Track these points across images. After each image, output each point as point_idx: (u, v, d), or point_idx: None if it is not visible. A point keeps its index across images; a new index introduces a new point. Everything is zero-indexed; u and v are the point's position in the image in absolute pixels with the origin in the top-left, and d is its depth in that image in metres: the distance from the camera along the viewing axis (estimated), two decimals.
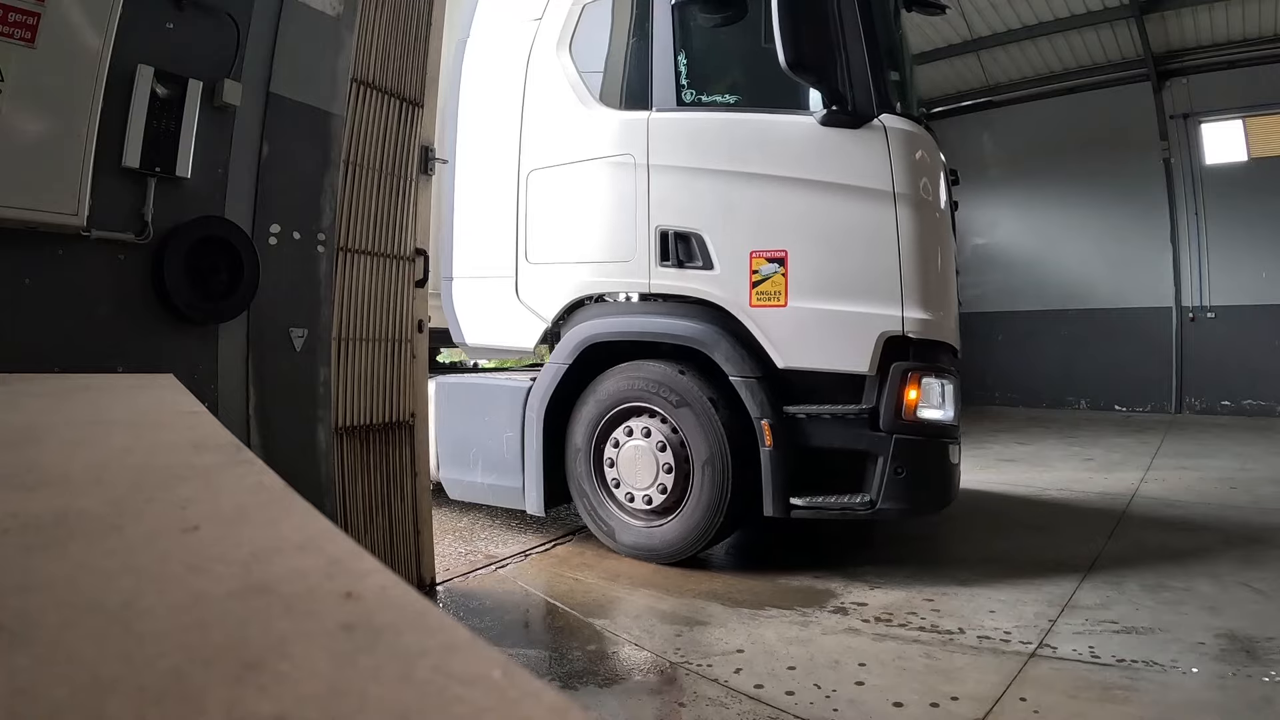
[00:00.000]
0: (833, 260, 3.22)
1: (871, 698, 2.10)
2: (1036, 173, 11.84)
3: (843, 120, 3.16)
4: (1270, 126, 10.24)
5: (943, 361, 3.25)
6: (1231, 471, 5.71)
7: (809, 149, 3.25)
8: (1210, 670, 2.21)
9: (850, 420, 3.16)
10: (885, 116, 3.19)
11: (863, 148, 3.18)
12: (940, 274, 3.24)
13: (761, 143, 3.36)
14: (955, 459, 3.30)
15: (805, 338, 3.23)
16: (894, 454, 3.08)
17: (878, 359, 3.12)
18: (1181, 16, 9.87)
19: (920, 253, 3.14)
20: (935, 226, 3.25)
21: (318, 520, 0.47)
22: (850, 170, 3.19)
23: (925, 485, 3.19)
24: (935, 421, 3.17)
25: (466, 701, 0.26)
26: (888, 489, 3.10)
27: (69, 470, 0.62)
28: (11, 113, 1.77)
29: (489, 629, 2.70)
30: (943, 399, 3.18)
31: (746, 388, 3.25)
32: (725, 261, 3.35)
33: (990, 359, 12.27)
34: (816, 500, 3.18)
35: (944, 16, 10.57)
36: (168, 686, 0.26)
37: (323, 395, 2.64)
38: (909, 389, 3.09)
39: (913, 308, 3.11)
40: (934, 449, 3.19)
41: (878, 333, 3.12)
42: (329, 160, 2.65)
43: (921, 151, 3.27)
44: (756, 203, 3.34)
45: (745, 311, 3.30)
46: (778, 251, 3.27)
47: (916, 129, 3.30)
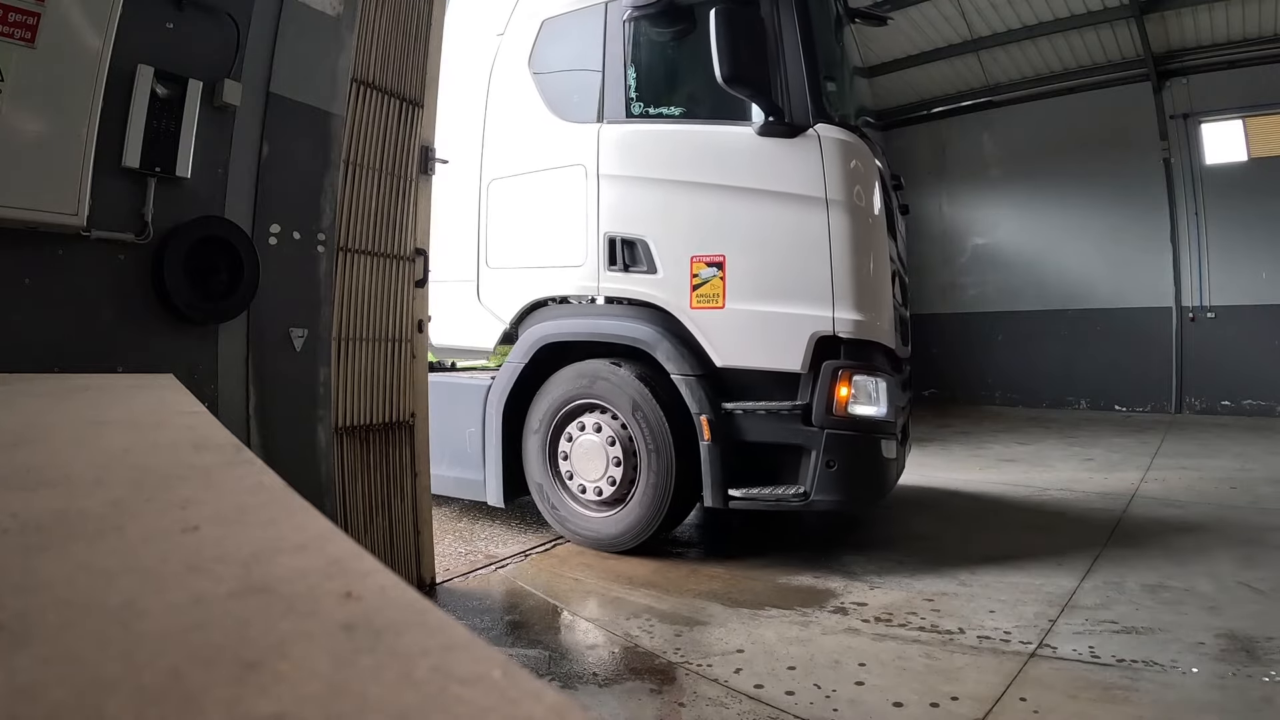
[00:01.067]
0: (768, 264, 3.38)
1: (871, 698, 2.10)
2: (1036, 173, 11.84)
3: (778, 131, 3.32)
4: (1270, 126, 10.24)
5: (875, 360, 3.38)
6: (1231, 471, 5.71)
7: (747, 158, 3.41)
8: (1210, 670, 2.21)
9: (784, 416, 3.31)
10: (820, 126, 3.33)
11: (797, 156, 3.33)
12: (872, 277, 3.37)
13: (702, 153, 3.53)
14: (890, 454, 3.41)
15: (741, 338, 3.39)
16: (825, 448, 3.23)
17: (809, 358, 3.29)
18: (1181, 16, 9.87)
19: (851, 257, 3.28)
20: (867, 231, 3.37)
21: (318, 520, 0.47)
22: (785, 178, 3.34)
23: (857, 478, 3.32)
24: (867, 417, 3.30)
25: (466, 701, 0.26)
26: (820, 482, 3.25)
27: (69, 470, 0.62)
28: (11, 113, 1.77)
29: (489, 629, 2.70)
30: (875, 396, 3.32)
31: (686, 385, 3.43)
32: (668, 266, 3.53)
33: (990, 359, 12.28)
34: (753, 492, 3.34)
35: (944, 17, 10.60)
36: (168, 686, 0.26)
37: (323, 395, 2.64)
38: (840, 386, 3.24)
39: (843, 309, 3.26)
40: (865, 444, 3.32)
41: (809, 333, 3.28)
42: (329, 160, 2.65)
43: (854, 160, 3.38)
44: (697, 210, 3.51)
45: (686, 313, 3.48)
46: (716, 256, 3.44)
47: (850, 138, 3.42)
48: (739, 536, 4.15)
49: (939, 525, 4.15)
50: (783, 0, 3.40)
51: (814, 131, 3.31)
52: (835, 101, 3.72)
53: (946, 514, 4.43)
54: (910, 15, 10.64)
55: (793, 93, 3.35)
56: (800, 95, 3.34)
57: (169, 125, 2.13)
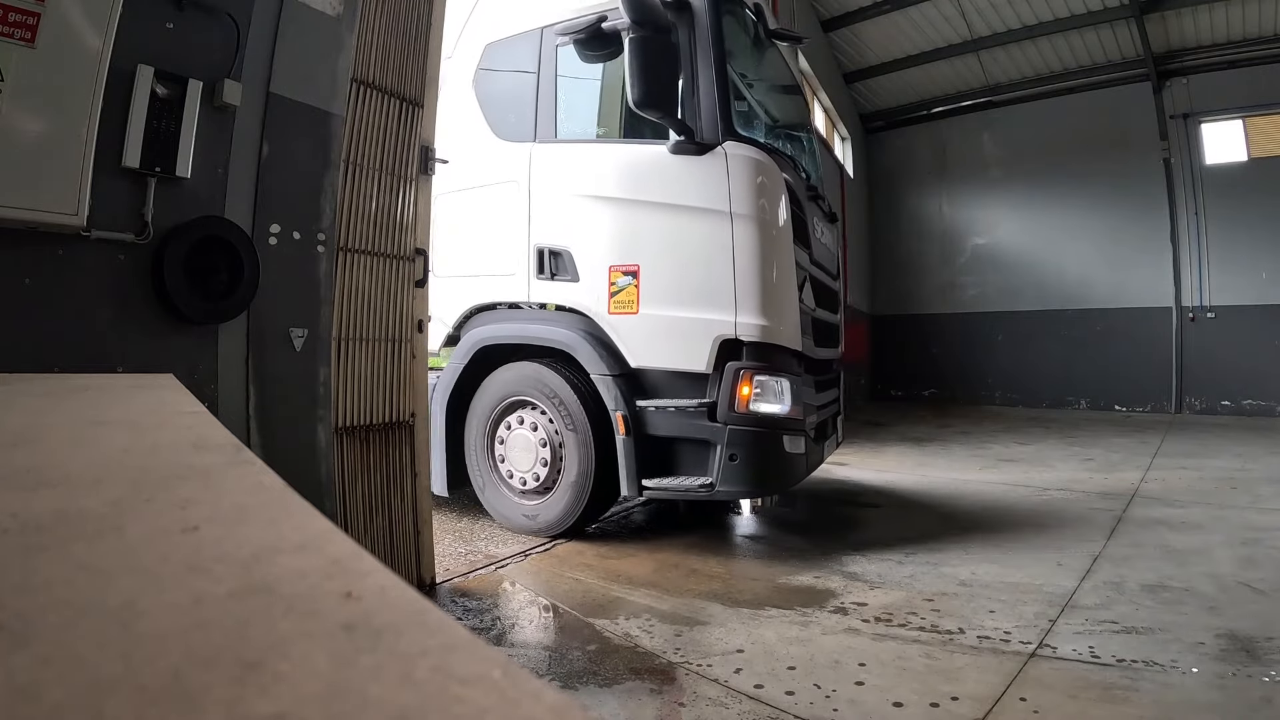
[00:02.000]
0: (679, 273, 3.65)
1: (871, 698, 2.10)
2: (1036, 173, 11.85)
3: (688, 149, 3.58)
4: (1270, 126, 10.24)
5: (778, 362, 3.61)
6: (1231, 471, 5.71)
7: (661, 175, 3.68)
8: (1210, 670, 2.21)
9: (691, 412, 3.58)
10: (728, 144, 3.58)
11: (706, 172, 3.59)
12: (774, 284, 3.59)
13: (621, 170, 3.82)
14: (796, 449, 3.64)
15: (654, 341, 3.68)
16: (728, 442, 3.48)
17: (714, 359, 3.55)
18: (1181, 16, 9.87)
19: (753, 266, 3.52)
20: (770, 242, 3.59)
21: (318, 520, 0.47)
22: (695, 193, 3.60)
23: (758, 471, 3.54)
24: (769, 414, 3.54)
25: (466, 701, 0.26)
26: (724, 474, 3.50)
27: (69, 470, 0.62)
28: (11, 113, 1.77)
29: (489, 629, 2.70)
30: (777, 395, 3.56)
31: (604, 384, 3.72)
32: (589, 275, 3.82)
33: (990, 359, 12.29)
34: (665, 482, 3.62)
35: (944, 17, 10.61)
36: (168, 686, 0.26)
37: (323, 395, 2.64)
38: (741, 385, 3.50)
39: (745, 314, 3.51)
40: (767, 439, 3.55)
41: (714, 336, 3.54)
42: (329, 160, 2.65)
43: (759, 174, 3.60)
44: (616, 223, 3.79)
45: (604, 318, 3.77)
46: (632, 266, 3.73)
47: (756, 154, 3.64)
48: (739, 537, 4.16)
49: (939, 525, 4.15)
50: (695, 28, 3.67)
51: (721, 149, 3.57)
52: (748, 120, 4.07)
53: (947, 514, 4.43)
54: (910, 15, 10.65)
55: (703, 113, 3.61)
56: (710, 115, 3.60)
57: (169, 125, 2.13)
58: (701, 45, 3.66)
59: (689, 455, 3.61)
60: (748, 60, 4.39)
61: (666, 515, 4.58)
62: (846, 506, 4.74)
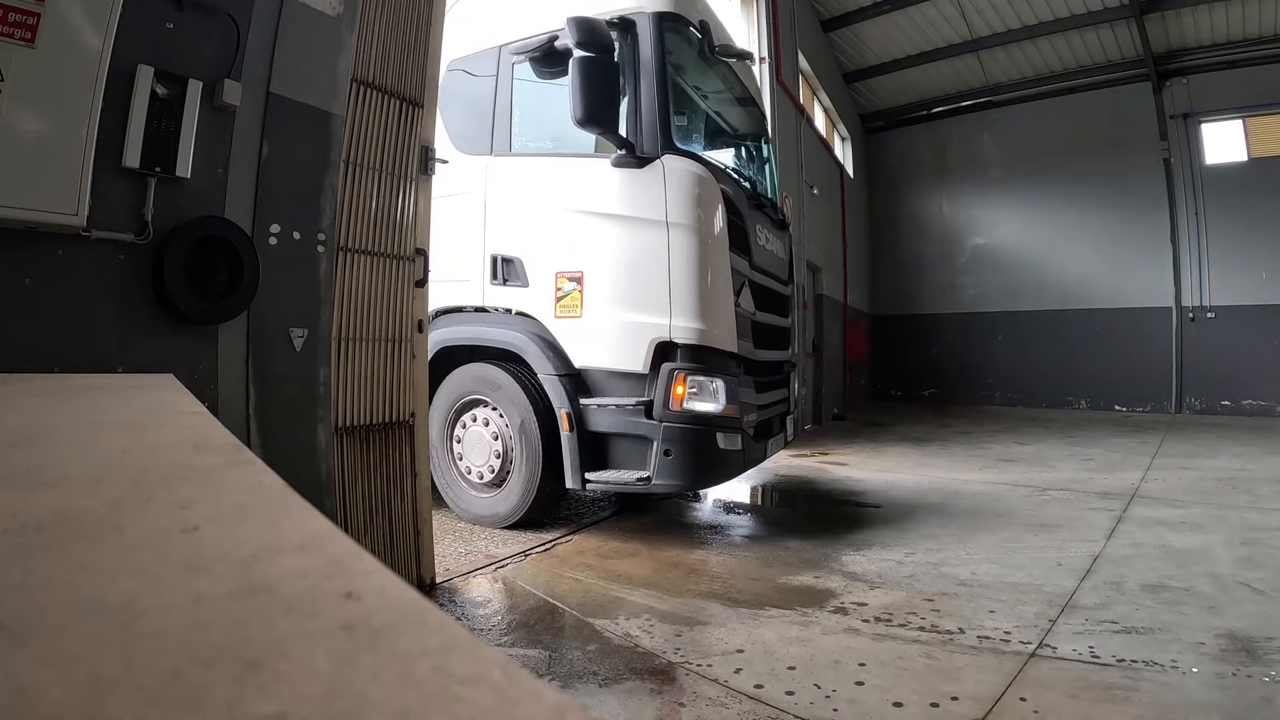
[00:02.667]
0: (619, 279, 3.87)
1: (871, 698, 2.10)
2: (1036, 173, 11.85)
3: (629, 162, 3.81)
4: (1270, 126, 10.24)
5: (712, 363, 3.82)
6: (1231, 471, 5.71)
7: (603, 186, 3.89)
8: (1210, 670, 2.21)
9: (630, 410, 3.79)
10: (666, 158, 3.79)
11: (645, 184, 3.81)
12: (709, 290, 3.80)
13: (567, 182, 4.04)
14: (731, 445, 3.84)
15: (596, 343, 3.90)
16: (663, 439, 3.70)
17: (650, 360, 3.77)
18: (1181, 16, 9.87)
19: (687, 272, 3.74)
20: (704, 250, 3.80)
21: (318, 520, 0.47)
22: (634, 204, 3.82)
23: (691, 466, 3.75)
24: (703, 413, 3.73)
25: (466, 701, 0.26)
26: (659, 468, 3.71)
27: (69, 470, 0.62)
28: (11, 113, 1.77)
29: (489, 629, 2.69)
30: (712, 394, 3.76)
31: (550, 384, 3.94)
32: (538, 281, 4.05)
33: (990, 359, 12.29)
34: (606, 475, 3.83)
35: (944, 17, 10.60)
36: (168, 686, 0.26)
37: (323, 395, 2.64)
38: (676, 385, 3.71)
39: (680, 318, 3.73)
40: (701, 436, 3.74)
41: (650, 339, 3.76)
42: (329, 160, 2.65)
43: (695, 186, 3.82)
44: (563, 231, 4.01)
45: (551, 322, 4.01)
46: (577, 272, 3.96)
47: (693, 167, 3.86)
48: (739, 537, 4.15)
49: (939, 525, 4.15)
50: (638, 46, 3.89)
51: (660, 162, 3.79)
52: (690, 133, 4.35)
53: (947, 514, 4.43)
54: (910, 15, 10.65)
55: (644, 128, 3.83)
56: (650, 130, 3.82)
57: (169, 125, 2.13)
58: (644, 63, 3.88)
59: (629, 450, 3.83)
60: (700, 75, 4.61)
61: (666, 516, 4.58)
62: (846, 506, 4.74)
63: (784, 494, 5.27)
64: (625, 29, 3.90)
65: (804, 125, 8.98)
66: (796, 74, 8.97)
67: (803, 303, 8.67)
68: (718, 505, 5.03)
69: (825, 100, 11.20)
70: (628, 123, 3.85)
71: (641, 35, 3.90)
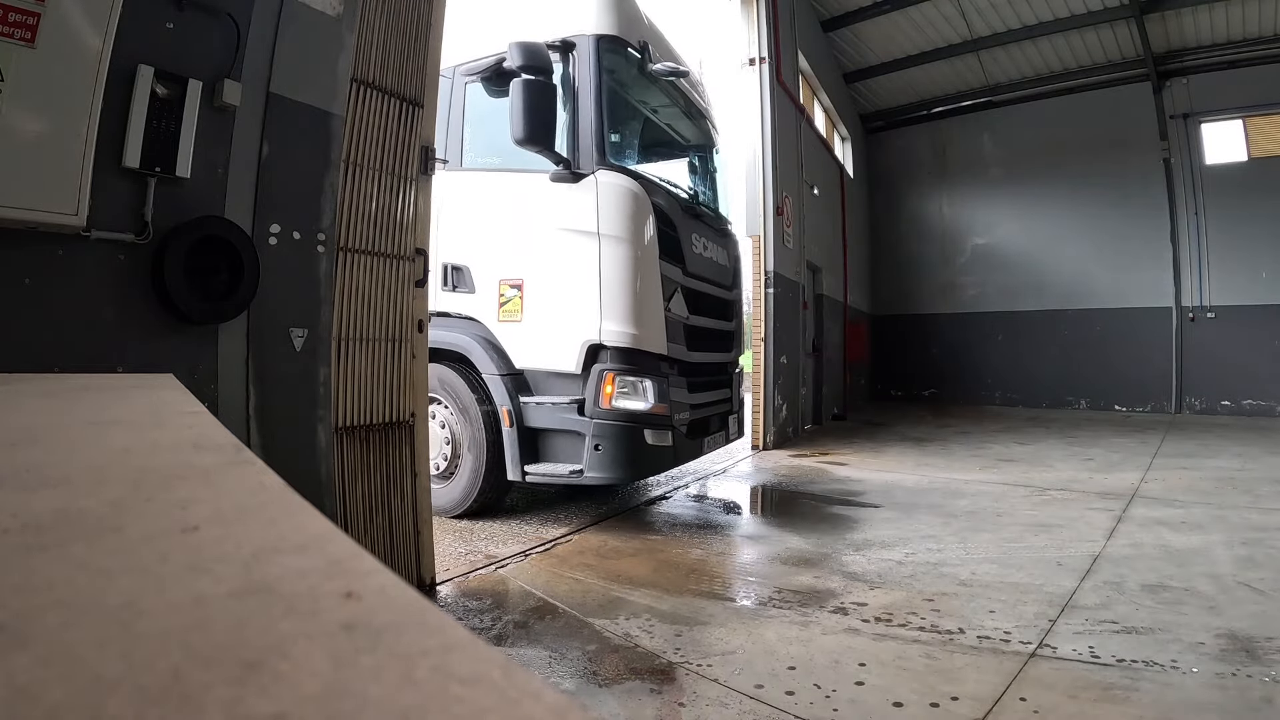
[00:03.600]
0: (556, 286, 4.16)
1: (871, 698, 2.10)
2: (1036, 173, 11.85)
3: (565, 177, 4.11)
4: (1270, 126, 10.24)
5: (642, 364, 4.11)
6: (1231, 471, 5.71)
7: (542, 200, 4.18)
8: (1210, 670, 2.21)
9: (564, 408, 4.11)
10: (600, 173, 4.09)
11: (579, 198, 4.11)
12: (637, 295, 4.09)
13: (510, 195, 4.32)
14: (661, 441, 4.14)
15: (535, 345, 4.21)
16: (594, 434, 4.00)
17: (582, 361, 4.08)
18: (1181, 16, 9.87)
19: (616, 279, 4.04)
20: (633, 259, 4.09)
21: (318, 520, 0.47)
22: (570, 216, 4.12)
23: (620, 459, 4.02)
24: (632, 410, 4.04)
25: (466, 701, 0.26)
26: (590, 461, 4.00)
27: (69, 470, 0.62)
28: (11, 113, 1.77)
29: (489, 629, 2.70)
30: (640, 393, 4.06)
31: (493, 383, 4.25)
32: (483, 287, 4.36)
33: (990, 359, 12.29)
34: (543, 468, 4.14)
35: (944, 17, 10.60)
36: (168, 686, 0.26)
37: (323, 395, 2.64)
38: (605, 384, 4.00)
39: (610, 322, 4.03)
40: (629, 432, 4.03)
41: (582, 341, 4.08)
42: (329, 160, 2.65)
43: (625, 199, 4.11)
44: (506, 242, 4.31)
45: (495, 326, 4.33)
46: (518, 280, 4.28)
47: (625, 181, 4.15)
48: (739, 537, 4.15)
49: (939, 525, 4.15)
50: (577, 67, 4.19)
51: (594, 177, 4.09)
52: (626, 149, 4.63)
53: (947, 514, 4.43)
54: (910, 15, 10.64)
55: (580, 145, 4.13)
56: (585, 147, 4.13)
57: (169, 125, 2.13)
58: (583, 83, 4.17)
59: (564, 445, 4.13)
60: (645, 90, 4.90)
61: (666, 516, 4.58)
62: (846, 506, 4.74)
63: (784, 494, 5.27)
64: (567, 50, 4.19)
65: (804, 125, 8.97)
66: (796, 74, 8.96)
67: (803, 303, 8.67)
68: (718, 505, 5.03)
69: (825, 100, 11.19)
70: (566, 139, 4.12)
71: (581, 56, 4.19)
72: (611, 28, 4.31)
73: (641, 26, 4.65)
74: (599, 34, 4.23)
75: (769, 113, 7.59)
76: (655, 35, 4.84)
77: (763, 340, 7.52)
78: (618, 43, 4.36)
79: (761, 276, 7.52)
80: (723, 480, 5.84)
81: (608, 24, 4.29)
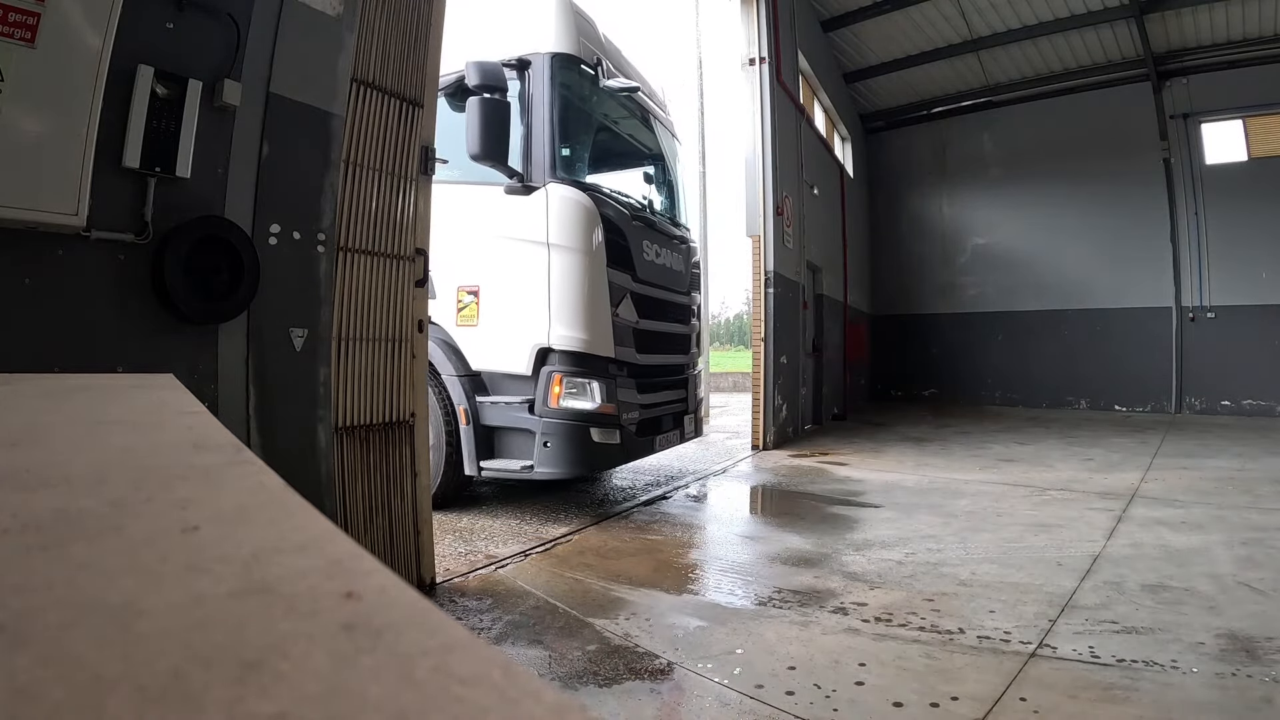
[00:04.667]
0: (510, 292, 4.40)
1: (871, 698, 2.10)
2: (1036, 172, 11.84)
3: (518, 190, 4.36)
4: (1270, 126, 10.24)
5: (589, 366, 4.36)
6: (1232, 471, 5.71)
7: (498, 211, 4.41)
8: (1210, 670, 2.21)
9: (516, 407, 4.38)
10: (550, 185, 4.33)
11: (531, 210, 4.36)
12: (585, 301, 4.34)
13: (469, 206, 4.51)
14: (608, 439, 4.38)
15: (489, 348, 4.44)
16: (543, 431, 4.26)
17: (533, 363, 4.35)
18: (1181, 16, 9.86)
19: (565, 286, 4.30)
20: (582, 266, 4.34)
21: (318, 520, 0.47)
22: (522, 226, 4.37)
23: (567, 456, 4.27)
24: (579, 409, 4.29)
25: (466, 701, 0.26)
26: (540, 457, 4.26)
27: (69, 470, 0.62)
28: (11, 113, 1.77)
29: (489, 629, 2.70)
30: (588, 393, 4.30)
31: (452, 384, 4.48)
32: (444, 293, 4.54)
33: (990, 359, 12.29)
34: (497, 464, 4.39)
35: (944, 17, 10.60)
36: (168, 686, 0.26)
37: (323, 395, 2.64)
38: (553, 385, 4.27)
39: (558, 327, 4.30)
40: (576, 430, 4.28)
41: (532, 345, 4.35)
42: (329, 160, 2.65)
43: (573, 211, 4.36)
44: (464, 250, 4.53)
45: (454, 329, 4.56)
46: (474, 286, 4.53)
47: (574, 193, 4.39)
48: (739, 538, 4.16)
49: (939, 525, 4.15)
50: (532, 85, 4.43)
51: (544, 190, 4.33)
52: (578, 162, 4.80)
53: (947, 514, 4.43)
54: (910, 15, 10.64)
55: (533, 160, 4.38)
56: (538, 161, 4.38)
57: (169, 125, 2.13)
58: (537, 99, 4.42)
59: (517, 442, 4.39)
60: (602, 104, 5.14)
61: (666, 517, 4.58)
62: (846, 506, 4.74)
63: (784, 494, 5.27)
64: (523, 68, 4.44)
65: (804, 125, 8.97)
66: (796, 74, 8.96)
67: (803, 302, 8.67)
68: (718, 506, 5.03)
69: (825, 100, 11.19)
70: (520, 154, 4.36)
71: (537, 74, 4.44)
72: (566, 46, 4.56)
73: (597, 44, 4.91)
74: (553, 52, 4.49)
75: (769, 113, 7.59)
76: (612, 52, 5.11)
77: (763, 340, 7.51)
78: (572, 60, 4.61)
79: (761, 276, 7.52)
80: (723, 480, 5.84)
81: (562, 43, 4.55)
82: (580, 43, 4.68)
